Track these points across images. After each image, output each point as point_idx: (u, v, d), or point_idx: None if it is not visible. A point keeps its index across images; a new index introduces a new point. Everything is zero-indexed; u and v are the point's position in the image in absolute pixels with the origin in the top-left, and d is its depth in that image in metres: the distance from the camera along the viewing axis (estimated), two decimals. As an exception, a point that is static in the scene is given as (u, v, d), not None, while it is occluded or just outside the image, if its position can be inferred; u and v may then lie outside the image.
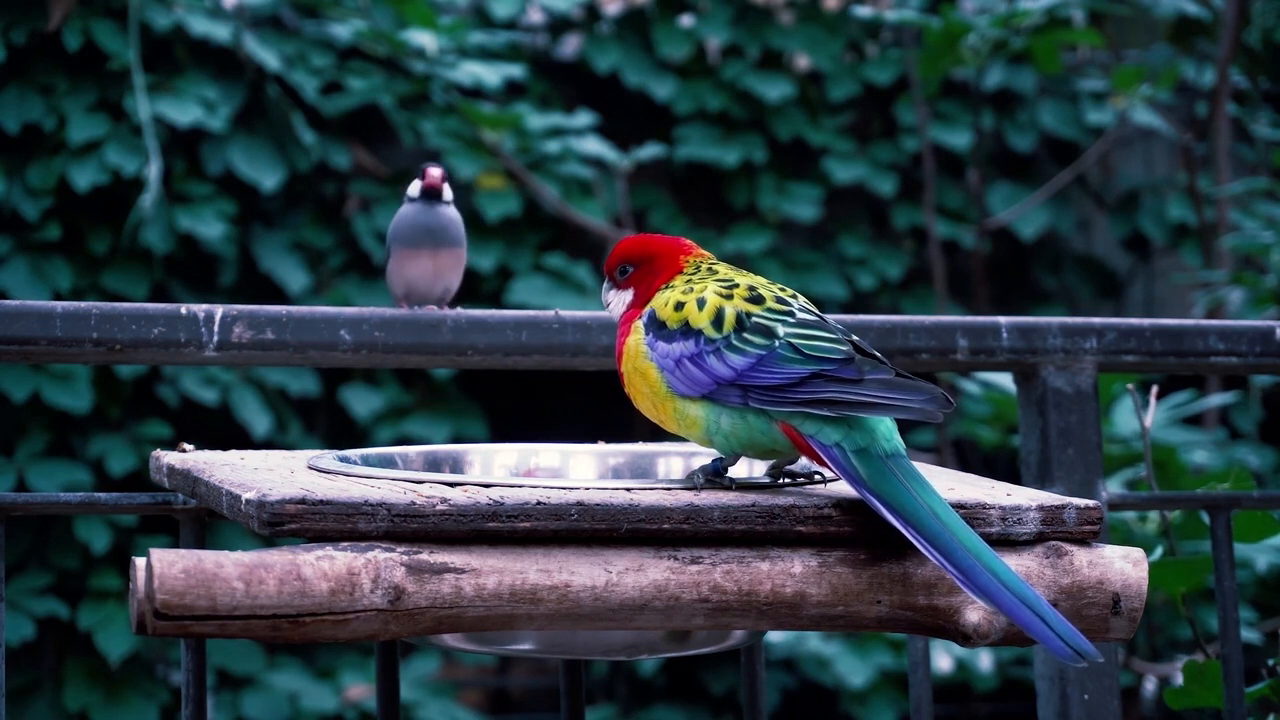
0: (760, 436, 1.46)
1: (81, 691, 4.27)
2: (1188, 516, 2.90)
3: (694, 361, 1.48)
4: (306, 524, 1.33)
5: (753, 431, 1.46)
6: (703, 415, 1.47)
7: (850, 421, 1.44)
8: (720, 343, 1.47)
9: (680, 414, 1.49)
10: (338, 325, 1.91)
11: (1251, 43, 4.71)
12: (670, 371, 1.49)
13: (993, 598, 1.36)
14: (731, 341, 1.47)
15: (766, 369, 1.45)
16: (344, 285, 4.66)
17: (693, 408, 1.48)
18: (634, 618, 1.38)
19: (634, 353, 1.52)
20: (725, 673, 4.76)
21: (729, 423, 1.46)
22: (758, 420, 1.46)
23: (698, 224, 5.17)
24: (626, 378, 1.53)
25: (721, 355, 1.47)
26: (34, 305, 1.82)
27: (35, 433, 4.31)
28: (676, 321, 1.50)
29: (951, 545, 1.37)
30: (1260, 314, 4.11)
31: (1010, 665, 4.52)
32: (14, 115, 4.37)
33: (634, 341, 1.52)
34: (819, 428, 1.44)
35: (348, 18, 4.77)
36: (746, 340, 1.47)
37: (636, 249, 1.58)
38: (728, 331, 1.48)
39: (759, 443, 1.47)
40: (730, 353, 1.46)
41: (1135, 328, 2.09)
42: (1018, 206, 5.13)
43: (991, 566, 1.36)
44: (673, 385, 1.49)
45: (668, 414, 1.50)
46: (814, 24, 5.21)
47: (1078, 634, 1.35)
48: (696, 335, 1.48)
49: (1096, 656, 1.36)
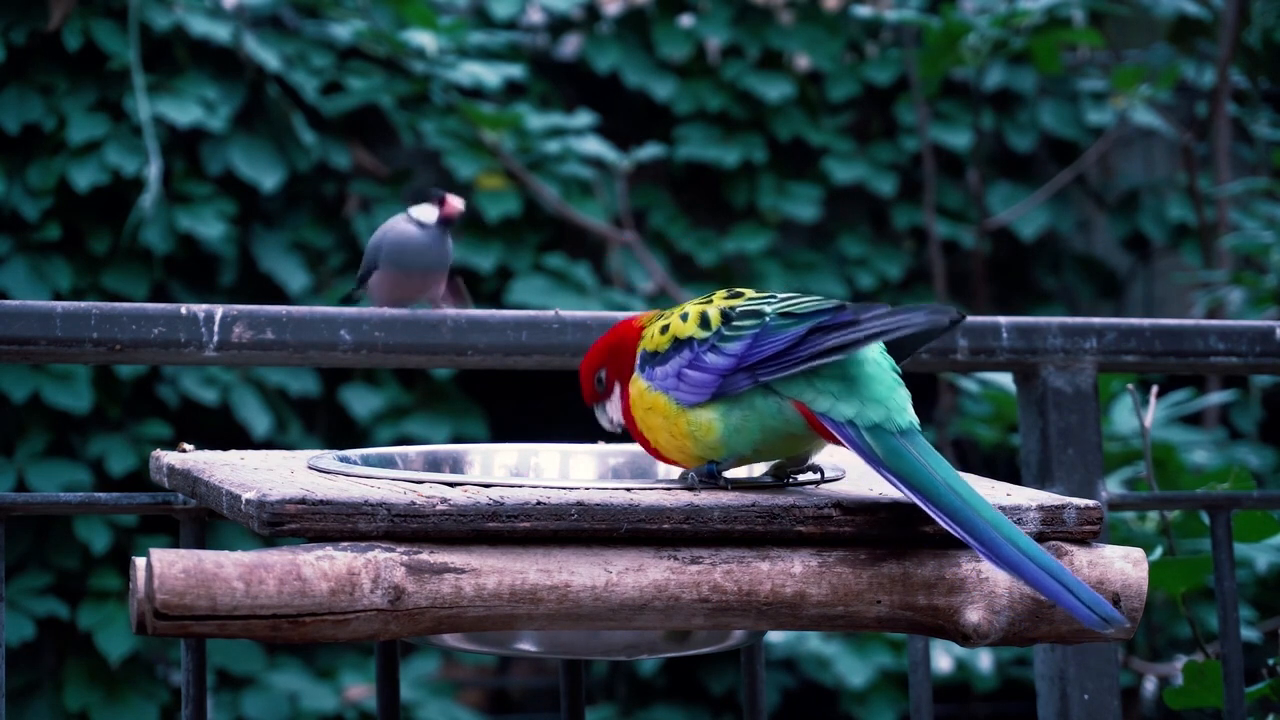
0: (773, 420, 1.45)
1: (81, 691, 4.27)
2: (1188, 516, 2.90)
3: (693, 366, 1.48)
4: (306, 524, 1.33)
5: (765, 418, 1.45)
6: (715, 416, 1.47)
7: (862, 398, 1.44)
8: (712, 338, 1.47)
9: (694, 424, 1.47)
10: (338, 325, 1.91)
11: (1251, 43, 4.71)
12: (674, 388, 1.48)
13: (1018, 569, 1.36)
14: (723, 334, 1.47)
15: (765, 342, 1.45)
16: (344, 285, 4.66)
17: (703, 413, 1.47)
18: (634, 618, 1.38)
19: (639, 398, 1.51)
20: (725, 673, 4.76)
21: (740, 416, 1.46)
22: (767, 403, 1.45)
23: (698, 224, 5.17)
24: (642, 426, 1.51)
25: (717, 349, 1.47)
26: (34, 305, 1.81)
27: (35, 433, 4.31)
28: (666, 343, 1.49)
29: (973, 519, 1.37)
30: (1260, 314, 4.11)
31: (1010, 665, 4.52)
32: (14, 115, 4.37)
33: (636, 388, 1.51)
34: (831, 403, 1.43)
35: (348, 18, 4.77)
36: (737, 328, 1.47)
37: (596, 356, 1.57)
38: (716, 327, 1.48)
39: (773, 429, 1.46)
40: (725, 343, 1.46)
41: (1135, 328, 2.09)
42: (1018, 206, 5.13)
43: (1013, 538, 1.37)
44: (680, 400, 1.48)
45: (683, 433, 1.48)
46: (814, 24, 5.22)
47: (1102, 600, 1.36)
48: (689, 343, 1.48)
49: (1123, 621, 1.37)
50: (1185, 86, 5.25)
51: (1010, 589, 1.43)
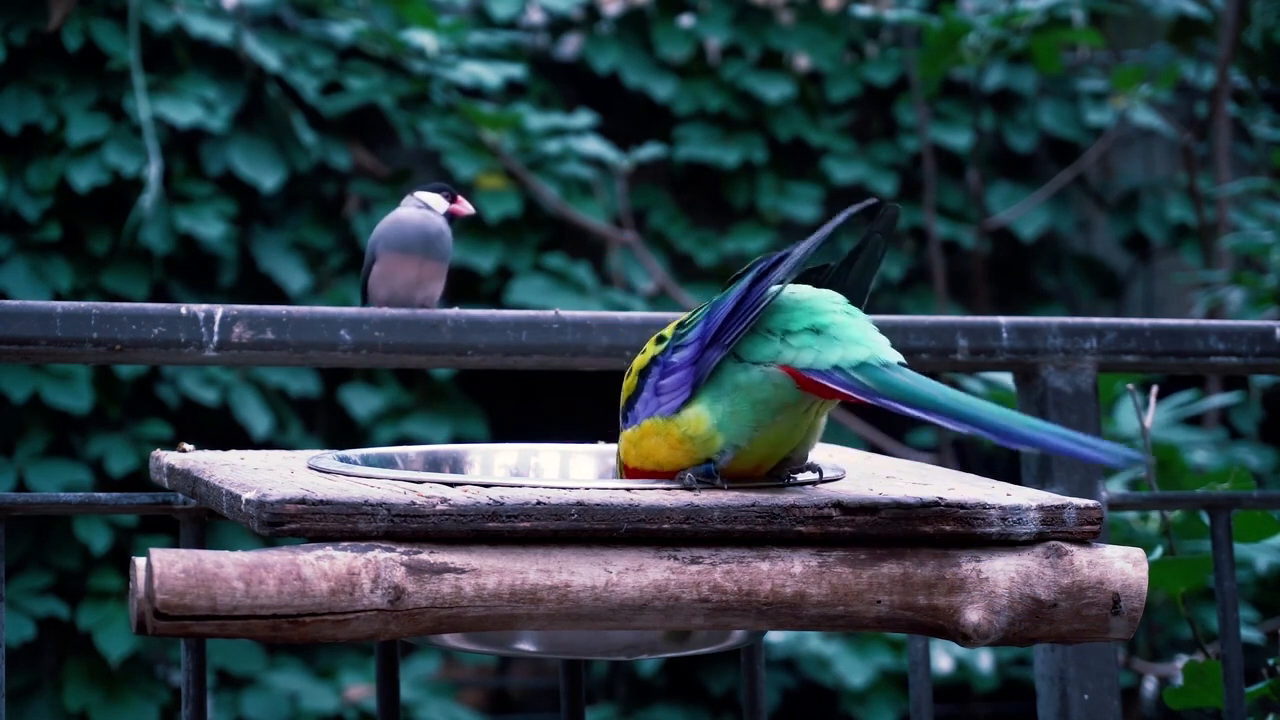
0: (761, 392, 1.45)
1: (81, 691, 4.27)
2: (1188, 516, 2.90)
3: (664, 376, 1.48)
4: (306, 524, 1.33)
5: (752, 393, 1.45)
6: (702, 408, 1.46)
7: (843, 341, 1.44)
8: (670, 344, 1.48)
9: (685, 425, 1.47)
10: (338, 325, 1.91)
11: (1251, 43, 4.71)
12: (656, 408, 1.48)
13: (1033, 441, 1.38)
14: (679, 334, 1.48)
15: (716, 313, 1.46)
16: (344, 285, 4.66)
17: (690, 411, 1.47)
18: (634, 618, 1.38)
19: (631, 444, 1.51)
20: (725, 673, 4.76)
21: (728, 402, 1.46)
22: (750, 376, 1.45)
23: (698, 224, 5.18)
24: (641, 460, 1.51)
25: (678, 348, 1.48)
26: (34, 305, 1.82)
27: (35, 433, 4.31)
28: (633, 384, 1.51)
29: (979, 412, 1.39)
30: (1260, 314, 4.11)
31: (1010, 665, 4.52)
32: (14, 115, 4.37)
33: (626, 442, 1.52)
34: (814, 355, 1.43)
35: (348, 18, 4.77)
36: (689, 323, 1.48)
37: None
38: (670, 334, 1.49)
39: (764, 402, 1.45)
40: (683, 338, 1.48)
41: (1135, 328, 2.09)
42: (1018, 206, 5.13)
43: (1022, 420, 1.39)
44: (664, 411, 1.48)
45: (677, 440, 1.47)
46: (814, 24, 5.22)
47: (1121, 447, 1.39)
48: (651, 363, 1.49)
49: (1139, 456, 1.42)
50: (1185, 86, 5.25)
51: (1010, 589, 1.43)
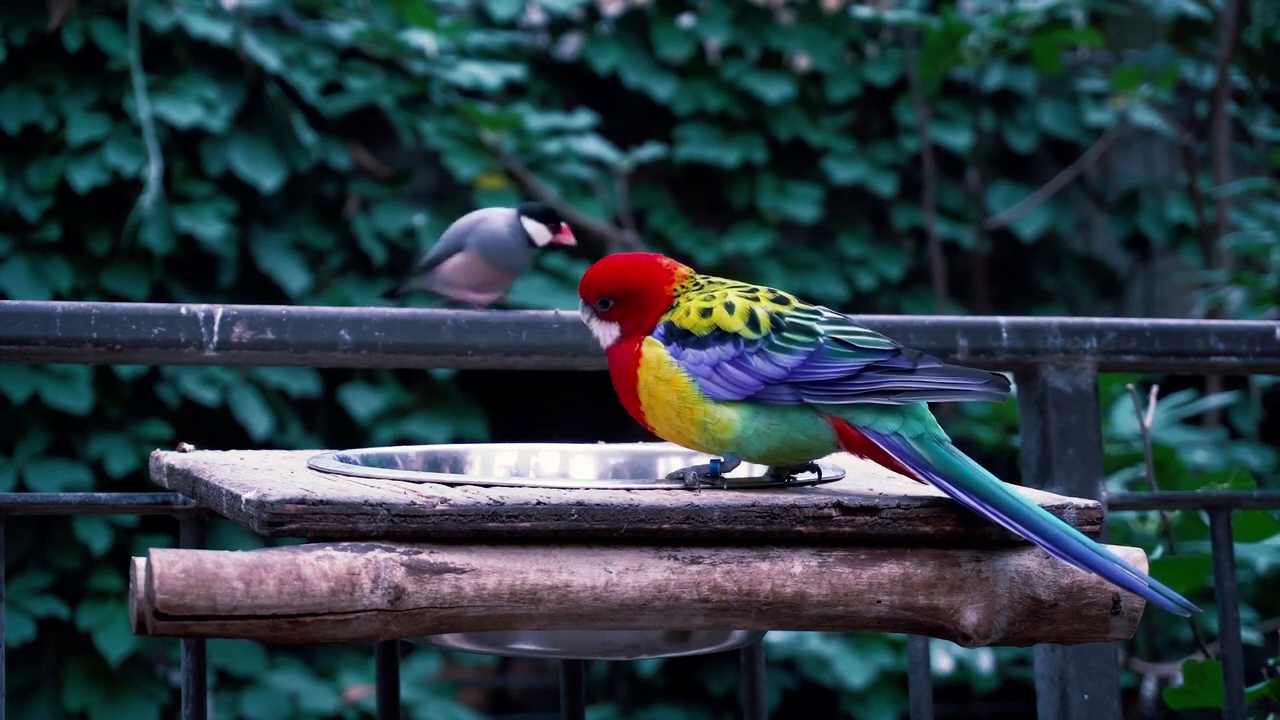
0: (799, 435, 1.46)
1: (81, 691, 4.27)
2: (1188, 516, 2.90)
3: (735, 364, 1.47)
4: (306, 524, 1.33)
5: (793, 429, 1.46)
6: (738, 417, 1.46)
7: (904, 411, 1.45)
8: (761, 343, 1.47)
9: (710, 417, 1.47)
10: (338, 325, 1.91)
11: (1251, 43, 4.71)
12: (706, 377, 1.47)
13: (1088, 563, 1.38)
14: (773, 341, 1.47)
15: (818, 365, 1.45)
16: (344, 285, 4.66)
17: (726, 410, 1.47)
18: (634, 618, 1.38)
19: (655, 363, 1.49)
20: (725, 673, 4.76)
21: (766, 422, 1.46)
22: (801, 417, 1.46)
23: (697, 224, 5.17)
24: (644, 390, 1.49)
25: (766, 355, 1.46)
26: (34, 305, 1.81)
27: (35, 433, 4.31)
28: (705, 327, 1.48)
29: (1033, 517, 1.39)
30: (1260, 314, 4.11)
31: (1010, 665, 4.52)
32: (14, 115, 4.37)
33: (654, 354, 1.49)
34: (875, 418, 1.44)
35: (348, 18, 4.77)
36: (789, 339, 1.47)
37: (614, 283, 1.53)
38: (766, 332, 1.47)
39: (794, 441, 1.46)
40: (776, 352, 1.46)
41: (1135, 328, 2.09)
42: (1018, 206, 5.13)
43: (1074, 534, 1.39)
44: (707, 390, 1.47)
45: (693, 420, 1.47)
46: (814, 24, 5.22)
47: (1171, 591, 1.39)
48: (733, 338, 1.47)
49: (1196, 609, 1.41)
50: (1185, 86, 5.25)
51: (1010, 589, 1.43)
